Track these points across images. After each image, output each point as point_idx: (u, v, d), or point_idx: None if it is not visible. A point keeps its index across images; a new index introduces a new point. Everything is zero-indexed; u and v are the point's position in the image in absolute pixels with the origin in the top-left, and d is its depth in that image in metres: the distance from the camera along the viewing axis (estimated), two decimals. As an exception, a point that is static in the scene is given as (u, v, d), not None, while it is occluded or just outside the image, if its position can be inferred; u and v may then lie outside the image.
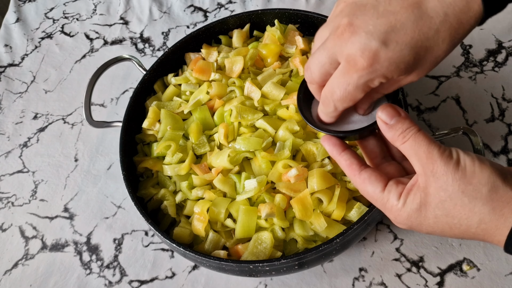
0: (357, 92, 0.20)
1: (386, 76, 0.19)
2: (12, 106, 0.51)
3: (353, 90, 0.20)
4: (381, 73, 0.19)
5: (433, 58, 0.19)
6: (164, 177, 0.36)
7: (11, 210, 0.44)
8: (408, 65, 0.19)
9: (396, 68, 0.19)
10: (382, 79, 0.19)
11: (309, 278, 0.35)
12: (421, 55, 0.19)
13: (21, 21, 0.59)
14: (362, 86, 0.19)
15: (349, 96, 0.20)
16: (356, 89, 0.20)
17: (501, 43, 0.45)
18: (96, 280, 0.38)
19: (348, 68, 0.19)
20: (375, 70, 0.19)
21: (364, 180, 0.21)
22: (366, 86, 0.19)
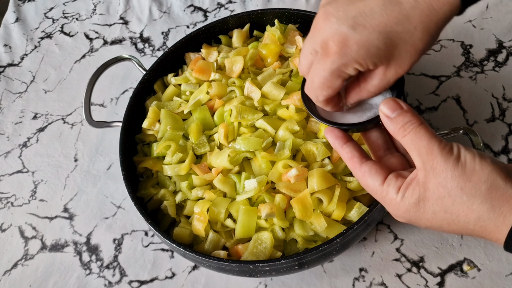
0: (333, 78, 0.20)
1: (358, 61, 0.19)
2: (11, 106, 0.51)
3: (329, 75, 0.20)
4: (352, 57, 0.19)
5: (409, 47, 0.19)
6: (164, 177, 0.36)
7: (10, 210, 0.44)
8: (379, 51, 0.19)
9: (366, 52, 0.19)
10: (356, 64, 0.19)
11: (309, 278, 0.35)
12: (393, 42, 0.19)
13: (21, 21, 0.58)
14: (336, 71, 0.20)
15: (326, 83, 0.20)
16: (331, 74, 0.20)
17: (502, 43, 0.45)
18: (96, 281, 0.38)
19: (322, 54, 0.20)
20: (345, 54, 0.19)
21: (364, 173, 0.21)
22: (340, 71, 0.20)
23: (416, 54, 0.19)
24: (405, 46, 0.19)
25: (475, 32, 0.46)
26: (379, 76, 0.20)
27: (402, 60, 0.19)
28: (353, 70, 0.20)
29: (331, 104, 0.22)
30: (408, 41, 0.19)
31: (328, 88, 0.21)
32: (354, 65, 0.19)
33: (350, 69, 0.20)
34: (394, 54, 0.19)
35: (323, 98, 0.21)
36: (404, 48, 0.19)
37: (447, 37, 0.47)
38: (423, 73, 0.45)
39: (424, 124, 0.19)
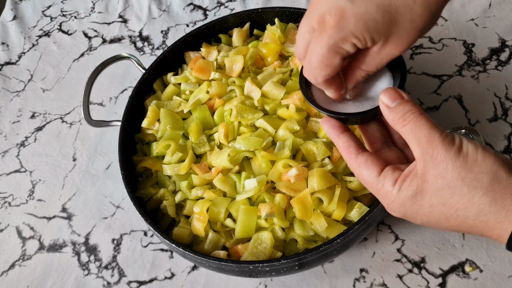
0: (331, 55, 0.19)
1: (355, 35, 0.18)
2: (9, 105, 0.51)
3: (326, 52, 0.19)
4: (350, 31, 0.18)
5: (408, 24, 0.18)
6: (163, 177, 0.36)
7: (8, 210, 0.44)
8: (378, 25, 0.18)
9: (364, 25, 0.18)
10: (354, 39, 0.19)
11: (310, 279, 0.35)
12: (391, 16, 0.18)
13: (18, 19, 0.58)
14: (334, 47, 0.19)
15: (324, 61, 0.19)
16: (328, 51, 0.19)
17: (505, 42, 0.45)
18: (94, 281, 0.38)
19: (319, 30, 0.19)
20: (343, 27, 0.18)
21: (360, 164, 0.20)
22: (338, 47, 0.19)
23: (414, 33, 0.19)
24: (404, 23, 0.18)
25: (477, 30, 0.46)
26: (373, 54, 0.20)
27: (400, 38, 0.19)
28: (351, 46, 0.19)
29: (333, 88, 0.21)
30: (407, 17, 0.18)
31: (326, 67, 0.20)
32: (352, 40, 0.19)
33: (348, 44, 0.19)
34: (393, 30, 0.18)
35: (322, 79, 0.20)
36: (402, 25, 0.18)
37: (449, 36, 0.46)
38: (425, 72, 0.45)
39: (425, 115, 0.19)
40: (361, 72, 0.21)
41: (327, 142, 0.33)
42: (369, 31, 0.18)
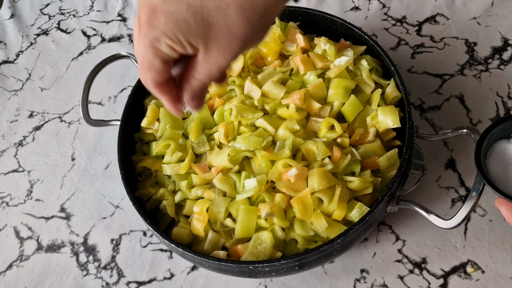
0: (150, 56, 0.19)
1: (167, 35, 0.18)
2: (6, 104, 0.50)
3: (144, 52, 0.18)
4: (161, 29, 0.18)
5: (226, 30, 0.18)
6: (163, 177, 0.36)
7: (5, 210, 0.43)
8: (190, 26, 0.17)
9: (175, 25, 0.17)
10: (167, 39, 0.18)
11: (310, 279, 0.35)
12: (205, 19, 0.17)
13: (16, 17, 0.58)
14: (150, 47, 0.18)
15: (145, 62, 0.19)
16: (146, 51, 0.18)
17: (507, 41, 0.44)
18: (93, 282, 0.38)
19: (137, 28, 0.19)
20: (154, 26, 0.18)
21: None
22: (155, 48, 0.18)
23: (235, 41, 0.18)
24: (221, 28, 0.18)
25: (479, 29, 0.46)
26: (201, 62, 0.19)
27: (221, 45, 0.18)
28: (167, 47, 0.18)
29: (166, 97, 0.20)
30: (222, 22, 0.17)
31: (149, 69, 0.19)
32: (165, 40, 0.18)
33: (163, 45, 0.18)
34: (210, 35, 0.18)
35: (150, 82, 0.20)
36: (220, 31, 0.18)
37: (451, 35, 0.46)
38: (426, 72, 0.44)
39: None
40: (194, 80, 0.20)
41: (327, 142, 0.33)
42: (181, 32, 0.18)
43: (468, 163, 0.38)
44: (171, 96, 0.21)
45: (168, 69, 0.19)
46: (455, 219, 0.29)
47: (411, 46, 0.46)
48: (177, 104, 0.21)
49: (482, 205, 0.36)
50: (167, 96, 0.21)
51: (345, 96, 0.35)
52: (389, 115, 0.33)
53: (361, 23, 0.49)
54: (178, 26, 0.18)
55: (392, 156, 0.33)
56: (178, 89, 0.21)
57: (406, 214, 0.37)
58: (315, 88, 0.35)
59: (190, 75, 0.20)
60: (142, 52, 0.19)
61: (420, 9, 0.48)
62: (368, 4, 0.50)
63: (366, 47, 0.38)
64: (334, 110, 0.35)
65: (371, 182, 0.32)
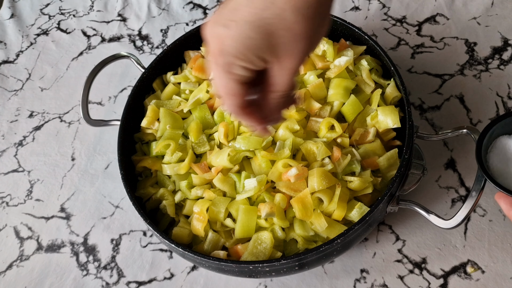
0: (227, 81, 0.19)
1: (238, 56, 0.19)
2: (6, 104, 0.50)
3: (220, 79, 0.20)
4: (231, 53, 0.19)
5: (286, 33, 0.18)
6: (163, 177, 0.36)
7: (5, 210, 0.43)
8: (256, 41, 0.18)
9: (243, 45, 0.18)
10: (239, 61, 0.19)
11: (310, 279, 0.35)
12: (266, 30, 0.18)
13: (16, 17, 0.58)
14: (224, 73, 0.19)
15: (224, 90, 0.20)
16: (221, 77, 0.19)
17: (507, 41, 0.44)
18: (93, 282, 0.38)
19: (212, 62, 0.20)
20: (224, 52, 0.19)
21: None
22: (229, 72, 0.19)
23: (300, 40, 0.18)
24: (282, 33, 0.18)
25: (479, 29, 0.46)
26: (276, 72, 0.20)
27: (289, 50, 0.19)
28: (241, 69, 0.19)
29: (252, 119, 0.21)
30: (281, 26, 0.18)
31: (229, 95, 0.20)
32: (238, 62, 0.19)
33: (237, 67, 0.19)
34: (275, 43, 0.18)
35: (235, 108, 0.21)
36: (283, 35, 0.18)
37: (451, 35, 0.46)
38: (426, 72, 0.44)
39: None
40: (274, 94, 0.21)
41: (327, 142, 0.33)
42: (250, 50, 0.18)
43: (468, 163, 0.38)
44: (257, 118, 0.21)
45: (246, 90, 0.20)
46: (455, 219, 0.29)
47: (411, 46, 0.46)
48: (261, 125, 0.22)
49: (482, 205, 0.36)
50: (254, 118, 0.21)
51: (345, 96, 0.35)
52: (389, 115, 0.33)
53: (361, 23, 0.49)
54: (245, 45, 0.18)
55: (392, 156, 0.33)
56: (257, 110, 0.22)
57: (406, 214, 0.37)
58: (315, 88, 0.35)
59: (269, 92, 0.21)
60: (219, 82, 0.20)
61: (420, 9, 0.48)
62: (368, 4, 0.50)
63: (366, 47, 0.38)
64: (334, 110, 0.35)
65: (371, 182, 0.32)
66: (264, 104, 0.21)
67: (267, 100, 0.21)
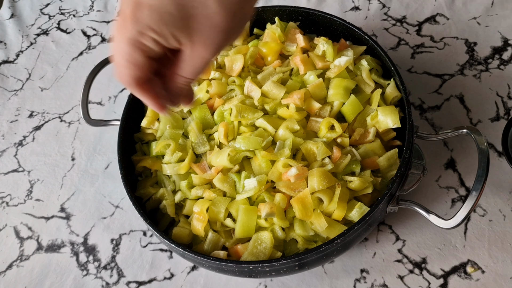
0: (132, 51, 0.18)
1: (152, 28, 0.18)
2: (6, 104, 0.50)
3: (127, 47, 0.18)
4: (146, 23, 0.18)
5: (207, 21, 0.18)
6: (163, 176, 0.36)
7: (5, 210, 0.43)
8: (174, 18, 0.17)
9: (159, 17, 0.17)
10: (151, 32, 0.18)
11: (310, 279, 0.35)
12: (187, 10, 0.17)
13: (16, 17, 0.58)
14: (133, 41, 0.18)
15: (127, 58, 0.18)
16: (128, 45, 0.18)
17: (507, 40, 0.44)
18: (93, 282, 0.38)
19: (120, 25, 0.18)
20: (139, 19, 0.18)
21: None
22: (138, 41, 0.18)
23: (217, 33, 0.18)
24: (203, 20, 0.18)
25: (479, 29, 0.46)
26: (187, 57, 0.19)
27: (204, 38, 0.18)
28: (152, 41, 0.18)
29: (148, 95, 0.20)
30: (203, 13, 0.17)
31: (131, 65, 0.18)
32: (150, 33, 0.18)
33: (148, 39, 0.18)
34: (194, 27, 0.18)
35: (130, 79, 0.19)
36: (202, 22, 0.18)
37: (451, 35, 0.46)
38: (426, 72, 0.44)
39: None
40: (180, 78, 0.20)
41: (327, 142, 0.33)
42: (166, 25, 0.18)
43: (468, 163, 0.38)
44: (152, 95, 0.20)
45: (150, 66, 0.19)
46: (455, 219, 0.29)
47: (411, 46, 0.46)
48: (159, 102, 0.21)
49: (482, 205, 0.36)
50: (148, 95, 0.20)
51: (345, 96, 0.35)
52: (389, 115, 0.33)
53: (361, 23, 0.49)
54: (162, 18, 0.17)
55: (392, 156, 0.33)
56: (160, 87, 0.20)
57: (406, 214, 0.37)
58: (315, 88, 0.35)
59: (175, 74, 0.20)
60: (124, 47, 0.18)
61: (420, 9, 0.48)
62: (368, 4, 0.50)
63: (366, 47, 0.38)
64: (334, 110, 0.35)
65: (371, 182, 0.32)
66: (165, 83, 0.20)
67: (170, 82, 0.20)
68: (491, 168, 0.36)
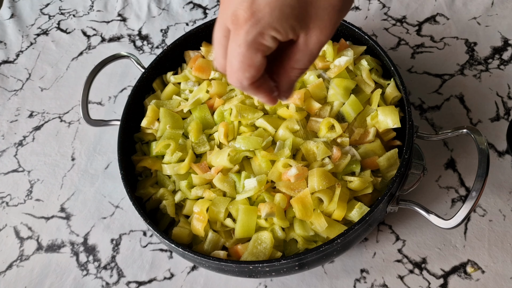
0: (251, 53, 0.18)
1: (273, 26, 0.17)
2: (6, 104, 0.50)
3: (246, 51, 0.18)
4: (266, 22, 0.17)
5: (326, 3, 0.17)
6: (163, 176, 0.36)
7: (5, 210, 0.43)
8: (294, 10, 0.17)
9: (280, 13, 0.17)
10: (272, 31, 0.17)
11: (310, 279, 0.35)
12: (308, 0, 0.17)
13: (16, 17, 0.58)
14: (253, 44, 0.17)
15: (245, 61, 0.18)
16: (248, 49, 0.17)
17: (507, 41, 0.44)
18: (93, 282, 0.38)
19: (234, 28, 0.18)
20: (258, 20, 0.17)
21: None
22: (258, 43, 0.17)
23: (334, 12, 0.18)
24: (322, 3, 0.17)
25: (479, 29, 0.46)
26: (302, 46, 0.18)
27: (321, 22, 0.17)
28: (271, 40, 0.17)
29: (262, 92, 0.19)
30: None
31: (249, 68, 0.18)
32: (271, 32, 0.17)
33: (268, 38, 0.17)
34: (311, 13, 0.17)
35: (247, 82, 0.18)
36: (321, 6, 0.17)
37: (451, 35, 0.46)
38: (426, 72, 0.44)
39: None
40: (295, 71, 0.19)
41: (327, 142, 0.33)
42: (287, 19, 0.17)
43: (468, 163, 0.38)
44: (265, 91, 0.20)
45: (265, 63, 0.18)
46: (455, 219, 0.29)
47: (411, 46, 0.46)
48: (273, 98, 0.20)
49: (482, 205, 0.36)
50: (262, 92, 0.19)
51: (345, 96, 0.35)
52: (389, 115, 0.33)
53: (361, 23, 0.49)
54: (283, 13, 0.17)
55: (392, 156, 0.33)
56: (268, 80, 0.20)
57: (406, 214, 0.37)
58: (315, 88, 0.35)
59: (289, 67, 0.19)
60: (242, 51, 0.18)
61: (420, 9, 0.48)
62: (368, 4, 0.50)
63: (366, 47, 0.38)
64: (334, 110, 0.35)
65: (371, 182, 0.31)
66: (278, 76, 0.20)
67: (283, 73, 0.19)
68: (491, 168, 0.36)
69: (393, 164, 0.32)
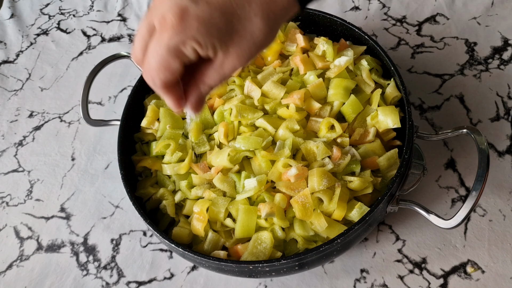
0: (170, 58, 0.18)
1: (197, 39, 0.18)
2: (6, 104, 0.50)
3: (166, 53, 0.18)
4: (191, 34, 0.18)
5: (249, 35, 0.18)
6: (163, 176, 0.36)
7: (5, 210, 0.43)
8: (220, 32, 0.18)
9: (206, 31, 0.18)
10: (194, 43, 0.18)
11: (310, 279, 0.35)
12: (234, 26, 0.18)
13: (16, 17, 0.58)
14: (173, 49, 0.18)
15: (162, 62, 0.18)
16: (168, 52, 0.18)
17: (507, 40, 0.44)
18: (93, 282, 0.38)
19: (160, 29, 0.18)
20: (184, 29, 0.18)
21: None
22: (178, 50, 0.18)
23: (254, 46, 0.19)
24: (245, 34, 0.18)
25: (479, 29, 0.46)
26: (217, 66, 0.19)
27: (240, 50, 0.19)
28: (191, 51, 0.18)
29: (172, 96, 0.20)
30: (247, 28, 0.18)
31: (165, 70, 0.19)
32: (193, 44, 0.18)
33: (189, 48, 0.18)
34: (234, 40, 0.18)
35: (160, 82, 0.19)
36: (243, 36, 0.18)
37: (451, 35, 0.46)
38: (426, 72, 0.44)
39: None
40: (204, 86, 0.20)
41: (327, 142, 0.33)
42: (211, 37, 0.18)
43: (468, 163, 0.38)
44: (175, 96, 0.20)
45: (182, 71, 0.19)
46: (455, 219, 0.29)
47: (411, 46, 0.46)
48: (181, 103, 0.21)
49: (482, 205, 0.36)
50: (172, 96, 0.20)
51: (345, 96, 0.35)
52: (389, 115, 0.33)
53: (361, 23, 0.49)
54: (209, 31, 0.18)
55: (392, 156, 0.33)
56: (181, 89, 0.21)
57: (406, 214, 0.37)
58: (315, 88, 0.35)
59: (200, 81, 0.20)
60: (162, 53, 0.18)
61: (420, 9, 0.48)
62: (368, 4, 0.50)
63: (366, 47, 0.38)
64: (334, 110, 0.35)
65: (371, 182, 0.32)
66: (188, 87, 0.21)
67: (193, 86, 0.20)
68: (491, 168, 0.36)
69: (393, 164, 0.32)
